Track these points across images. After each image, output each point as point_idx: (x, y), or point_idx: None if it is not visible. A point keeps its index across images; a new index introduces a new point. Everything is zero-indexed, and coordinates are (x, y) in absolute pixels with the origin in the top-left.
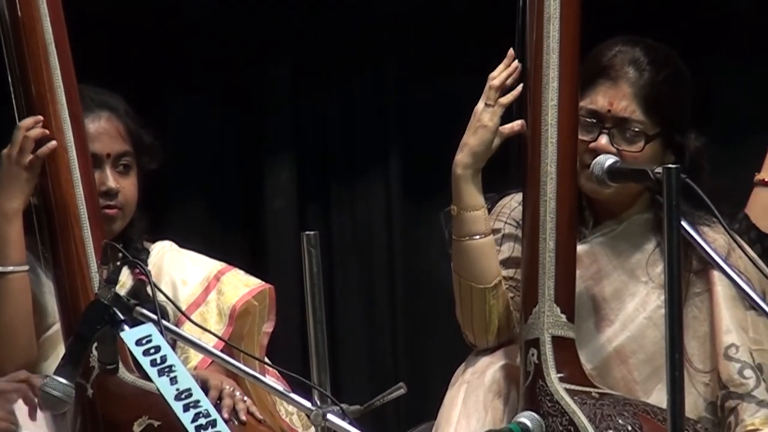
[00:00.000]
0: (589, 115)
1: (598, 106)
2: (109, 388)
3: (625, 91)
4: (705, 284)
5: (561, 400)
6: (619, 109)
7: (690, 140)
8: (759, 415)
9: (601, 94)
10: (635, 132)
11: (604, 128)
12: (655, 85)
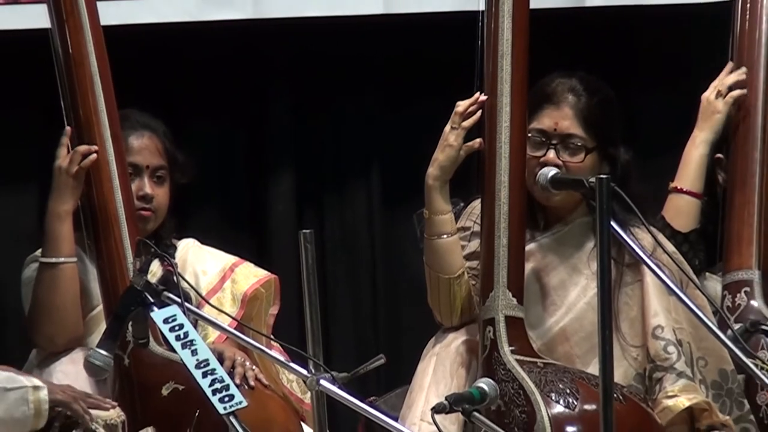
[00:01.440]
0: (538, 134)
1: (545, 126)
2: (142, 358)
3: (567, 112)
4: (635, 275)
5: (512, 368)
6: (562, 128)
7: (620, 153)
8: (678, 384)
9: (547, 116)
10: (577, 146)
11: (551, 144)
12: (591, 107)
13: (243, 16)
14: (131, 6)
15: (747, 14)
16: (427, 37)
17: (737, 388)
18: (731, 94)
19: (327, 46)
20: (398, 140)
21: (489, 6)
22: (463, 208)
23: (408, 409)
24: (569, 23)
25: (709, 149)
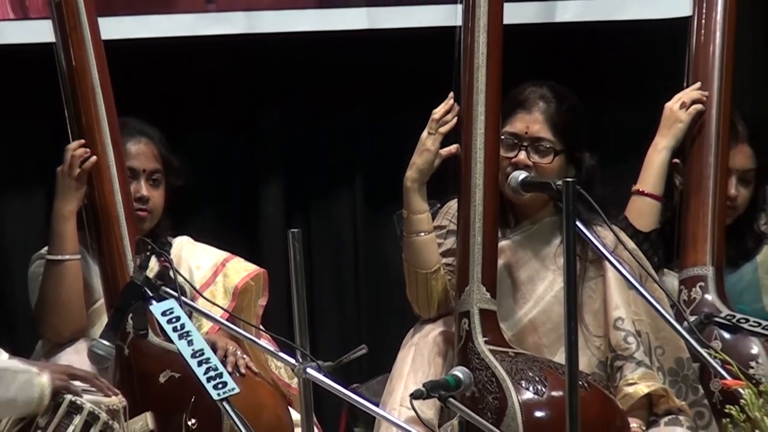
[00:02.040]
0: (510, 137)
1: (517, 130)
2: (141, 348)
3: (538, 117)
4: (598, 271)
5: (486, 358)
6: (533, 131)
7: (585, 158)
8: (638, 372)
9: (519, 120)
10: (546, 148)
11: (522, 146)
12: (560, 113)
13: (236, 31)
14: (131, 21)
15: (702, 30)
16: (408, 51)
17: (692, 375)
18: (695, 106)
19: (315, 59)
20: (380, 148)
21: (466, 21)
22: (439, 208)
23: (388, 395)
24: (540, 38)
25: (670, 155)
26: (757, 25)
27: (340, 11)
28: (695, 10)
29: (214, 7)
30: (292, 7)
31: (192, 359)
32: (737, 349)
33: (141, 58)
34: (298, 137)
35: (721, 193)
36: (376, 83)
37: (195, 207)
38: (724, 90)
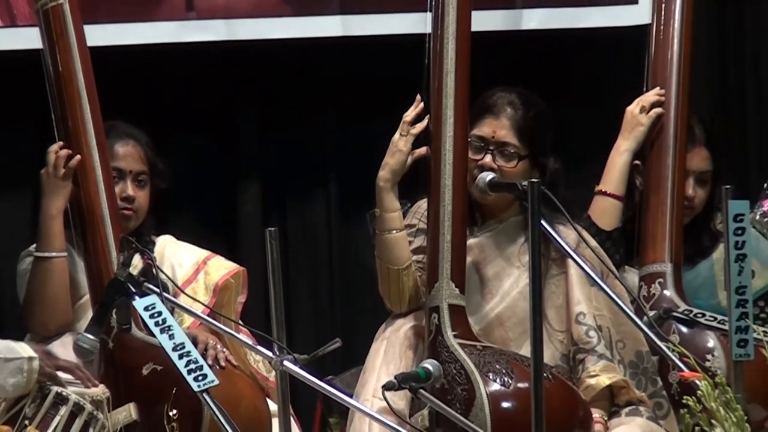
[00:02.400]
0: (478, 140)
1: (485, 134)
2: (124, 342)
3: (505, 123)
4: (561, 268)
5: (455, 351)
6: (500, 136)
7: (550, 162)
8: (599, 364)
9: (487, 125)
10: (511, 153)
11: (489, 149)
12: (526, 119)
13: (216, 38)
14: (115, 29)
15: (661, 37)
16: (381, 56)
17: (651, 368)
18: (654, 110)
19: (291, 64)
20: (353, 150)
21: (435, 29)
22: (409, 207)
23: (361, 386)
24: (507, 44)
25: (632, 157)
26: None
27: (315, 19)
28: (654, 18)
29: (195, 15)
30: (269, 15)
31: (173, 352)
32: (694, 342)
33: (125, 64)
34: (275, 140)
35: (678, 193)
36: (349, 88)
37: (177, 207)
38: (682, 94)
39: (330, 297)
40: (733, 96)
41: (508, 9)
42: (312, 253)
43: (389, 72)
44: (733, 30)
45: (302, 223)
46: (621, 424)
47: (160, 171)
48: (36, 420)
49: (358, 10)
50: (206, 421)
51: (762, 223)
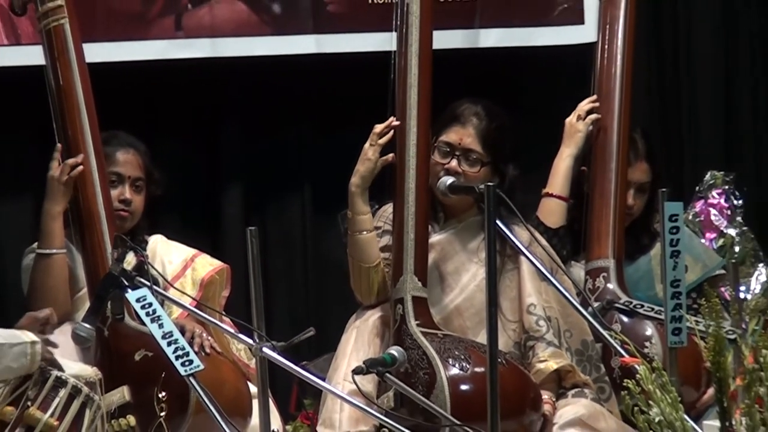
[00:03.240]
0: (445, 146)
1: (452, 140)
2: (118, 330)
3: (470, 131)
4: (515, 264)
5: (417, 338)
6: (465, 143)
7: (510, 169)
8: (548, 351)
9: (455, 132)
10: (474, 159)
11: (455, 155)
12: (490, 130)
13: (202, 55)
14: (111, 46)
15: (606, 53)
16: (351, 72)
17: (595, 355)
18: (590, 117)
19: (271, 79)
20: (326, 157)
21: (400, 47)
22: (377, 209)
23: (334, 371)
24: (466, 61)
25: (573, 162)
26: (651, 50)
27: (291, 38)
28: (599, 37)
29: (183, 34)
30: (250, 34)
31: (162, 340)
32: (634, 331)
33: (120, 79)
34: (255, 148)
35: (620, 197)
36: (323, 100)
37: (167, 209)
38: (625, 106)
39: (305, 290)
40: (670, 107)
41: (466, 29)
42: (289, 251)
43: (358, 86)
44: (671, 48)
45: (280, 224)
46: (568, 405)
47: (155, 179)
48: (38, 401)
49: (330, 30)
50: (192, 403)
51: (694, 222)
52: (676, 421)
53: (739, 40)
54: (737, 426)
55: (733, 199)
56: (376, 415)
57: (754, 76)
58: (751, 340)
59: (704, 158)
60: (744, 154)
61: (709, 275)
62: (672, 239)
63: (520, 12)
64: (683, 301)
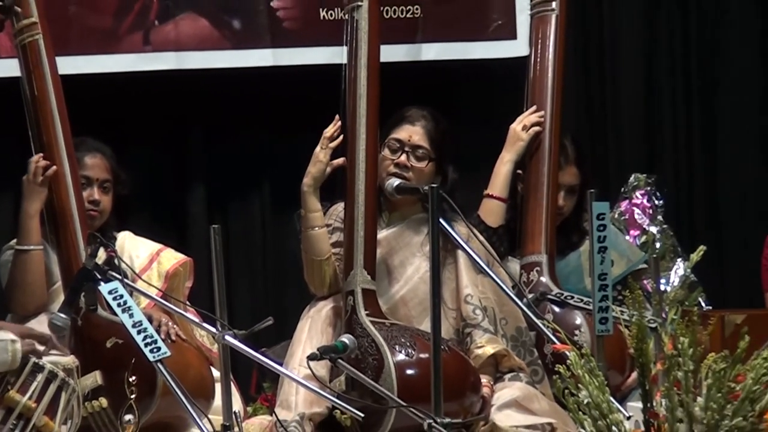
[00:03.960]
0: (396, 142)
1: (402, 137)
2: (91, 320)
3: (419, 130)
4: (454, 257)
5: (367, 327)
6: (414, 140)
7: (450, 171)
8: (485, 337)
9: (404, 130)
10: (422, 154)
11: (404, 150)
12: (437, 130)
13: (168, 67)
14: (83, 60)
15: (538, 66)
16: (305, 83)
17: (529, 341)
18: (533, 128)
19: (231, 89)
20: (283, 160)
21: (350, 60)
22: (328, 208)
23: (290, 357)
24: (410, 73)
25: (513, 166)
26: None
27: (250, 51)
28: (532, 51)
29: (150, 48)
30: (212, 49)
31: (132, 329)
32: (565, 320)
33: (91, 89)
34: (218, 152)
35: (552, 197)
36: (279, 108)
37: (135, 208)
38: (555, 114)
39: (263, 282)
40: (596, 115)
41: (410, 43)
42: (249, 246)
43: (312, 95)
44: (596, 61)
45: (241, 221)
46: (504, 387)
47: (121, 180)
48: (17, 385)
49: (285, 45)
50: (159, 386)
51: (620, 221)
52: (602, 403)
53: (659, 54)
54: (657, 407)
55: (655, 199)
56: (328, 398)
57: (671, 86)
58: (670, 328)
59: (628, 162)
60: (664, 158)
61: (633, 269)
62: (599, 236)
63: (458, 28)
64: (609, 293)
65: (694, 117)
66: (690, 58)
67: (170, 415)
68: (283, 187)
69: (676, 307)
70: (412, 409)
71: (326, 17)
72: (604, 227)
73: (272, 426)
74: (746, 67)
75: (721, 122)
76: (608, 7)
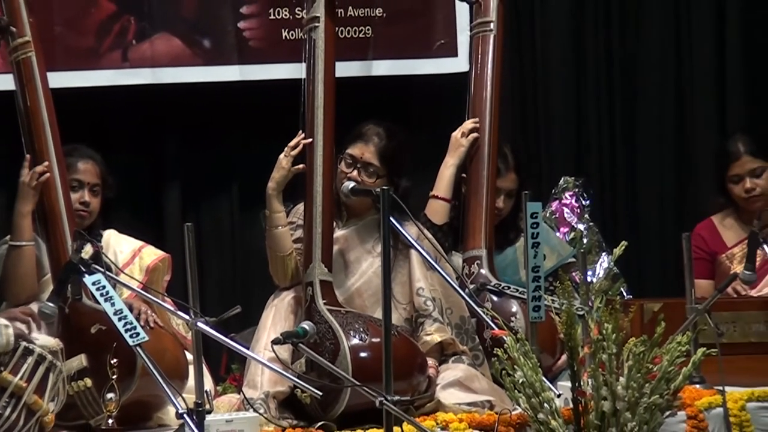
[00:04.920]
0: (350, 158)
1: (355, 154)
2: (77, 308)
3: (371, 148)
4: (405, 255)
5: (324, 315)
6: (366, 158)
7: (403, 181)
8: (434, 326)
9: (358, 148)
10: (372, 171)
11: (357, 166)
12: (388, 148)
13: (145, 82)
14: (70, 75)
15: (478, 80)
16: (269, 95)
17: (471, 329)
18: (472, 134)
19: (203, 102)
20: (250, 165)
21: (308, 75)
22: (291, 208)
23: (256, 342)
24: (362, 87)
25: (456, 170)
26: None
27: (220, 68)
28: (472, 68)
29: (128, 65)
30: (185, 65)
31: (114, 316)
32: (502, 308)
33: (77, 101)
34: (191, 158)
35: (491, 198)
36: (246, 118)
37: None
38: (493, 126)
39: (232, 275)
40: (530, 124)
41: (362, 60)
42: (219, 242)
43: (275, 106)
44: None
45: (212, 220)
46: (448, 369)
47: (109, 184)
48: (9, 367)
49: (251, 62)
50: (139, 368)
51: (551, 219)
52: (536, 382)
53: (587, 69)
54: (584, 386)
55: (582, 200)
56: (290, 378)
57: (597, 96)
58: (596, 315)
59: (558, 166)
60: (591, 163)
61: (563, 262)
62: (533, 233)
63: (405, 47)
64: (542, 284)
65: (616, 124)
66: (613, 70)
67: (148, 394)
68: (250, 189)
69: (601, 296)
70: (365, 388)
71: (288, 37)
72: (537, 225)
73: (240, 403)
74: (662, 78)
75: (641, 128)
76: (540, 27)
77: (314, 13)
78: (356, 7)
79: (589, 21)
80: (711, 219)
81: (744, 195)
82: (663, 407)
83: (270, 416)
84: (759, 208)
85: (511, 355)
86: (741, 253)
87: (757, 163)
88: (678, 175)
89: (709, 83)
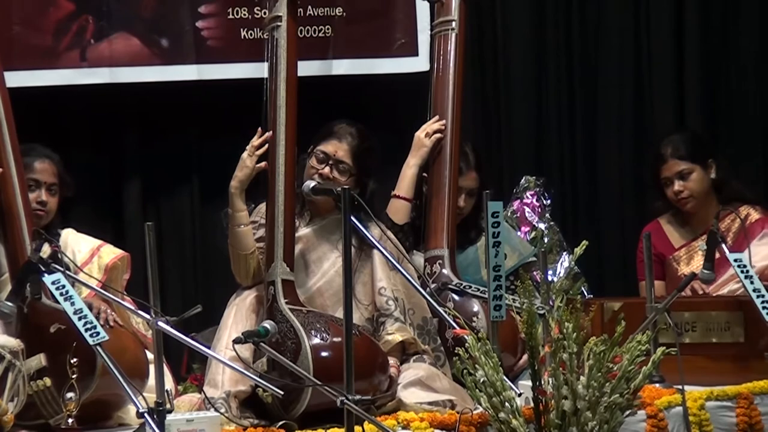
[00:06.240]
0: (323, 154)
1: (328, 151)
2: (36, 307)
3: (345, 146)
4: (368, 254)
5: (286, 314)
6: (339, 155)
7: (371, 182)
8: (395, 326)
9: (332, 145)
10: (344, 169)
11: (329, 163)
12: (361, 148)
13: (103, 81)
14: (28, 74)
15: (440, 80)
16: (229, 95)
17: (433, 329)
18: (435, 135)
19: (161, 99)
20: (210, 163)
21: (270, 74)
22: (254, 208)
23: (217, 341)
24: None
25: (418, 170)
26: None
27: (177, 67)
28: (434, 67)
29: (87, 64)
30: (143, 64)
31: (74, 315)
32: (464, 307)
33: (35, 101)
34: (151, 155)
35: (452, 198)
36: (205, 117)
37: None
38: (455, 125)
39: (193, 273)
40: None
41: (322, 59)
42: (180, 240)
43: (233, 105)
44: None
45: (172, 218)
46: (410, 368)
47: (67, 183)
48: None
49: (210, 61)
50: (99, 367)
51: (512, 218)
52: (497, 381)
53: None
54: (545, 385)
55: (543, 199)
56: (252, 377)
57: (558, 98)
58: (557, 315)
59: (519, 165)
60: (551, 162)
61: (524, 262)
62: (494, 232)
63: (365, 46)
64: (503, 283)
65: (577, 126)
66: (573, 72)
67: (108, 393)
68: (210, 186)
69: (561, 295)
70: (327, 388)
71: (246, 36)
72: (498, 224)
73: (201, 403)
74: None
75: (601, 126)
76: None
77: (276, 12)
78: (316, 6)
79: (549, 18)
80: (657, 220)
81: (674, 197)
82: (623, 406)
83: (231, 415)
84: (691, 209)
85: (472, 354)
86: (686, 255)
87: (684, 165)
88: (638, 174)
89: (668, 81)
